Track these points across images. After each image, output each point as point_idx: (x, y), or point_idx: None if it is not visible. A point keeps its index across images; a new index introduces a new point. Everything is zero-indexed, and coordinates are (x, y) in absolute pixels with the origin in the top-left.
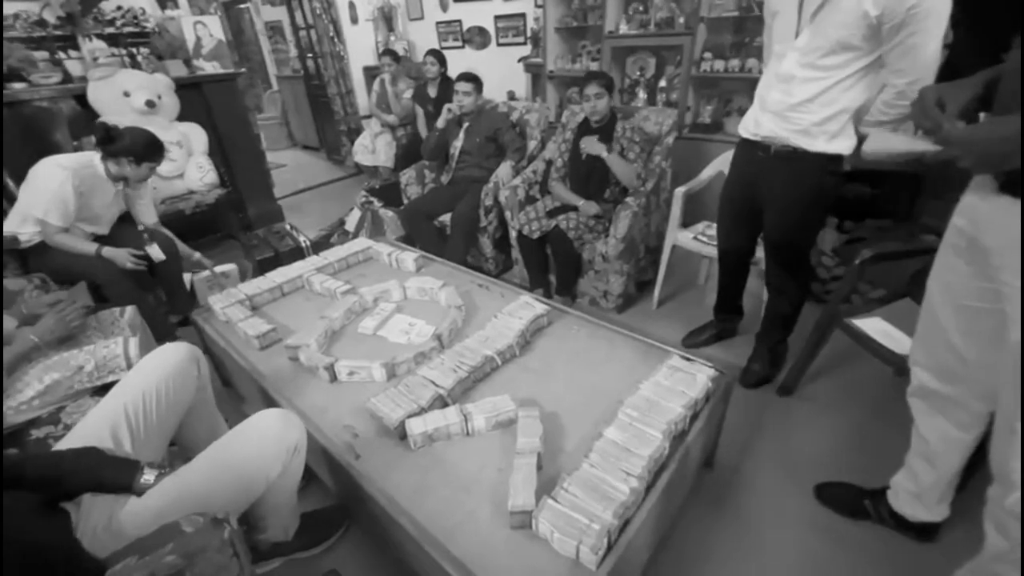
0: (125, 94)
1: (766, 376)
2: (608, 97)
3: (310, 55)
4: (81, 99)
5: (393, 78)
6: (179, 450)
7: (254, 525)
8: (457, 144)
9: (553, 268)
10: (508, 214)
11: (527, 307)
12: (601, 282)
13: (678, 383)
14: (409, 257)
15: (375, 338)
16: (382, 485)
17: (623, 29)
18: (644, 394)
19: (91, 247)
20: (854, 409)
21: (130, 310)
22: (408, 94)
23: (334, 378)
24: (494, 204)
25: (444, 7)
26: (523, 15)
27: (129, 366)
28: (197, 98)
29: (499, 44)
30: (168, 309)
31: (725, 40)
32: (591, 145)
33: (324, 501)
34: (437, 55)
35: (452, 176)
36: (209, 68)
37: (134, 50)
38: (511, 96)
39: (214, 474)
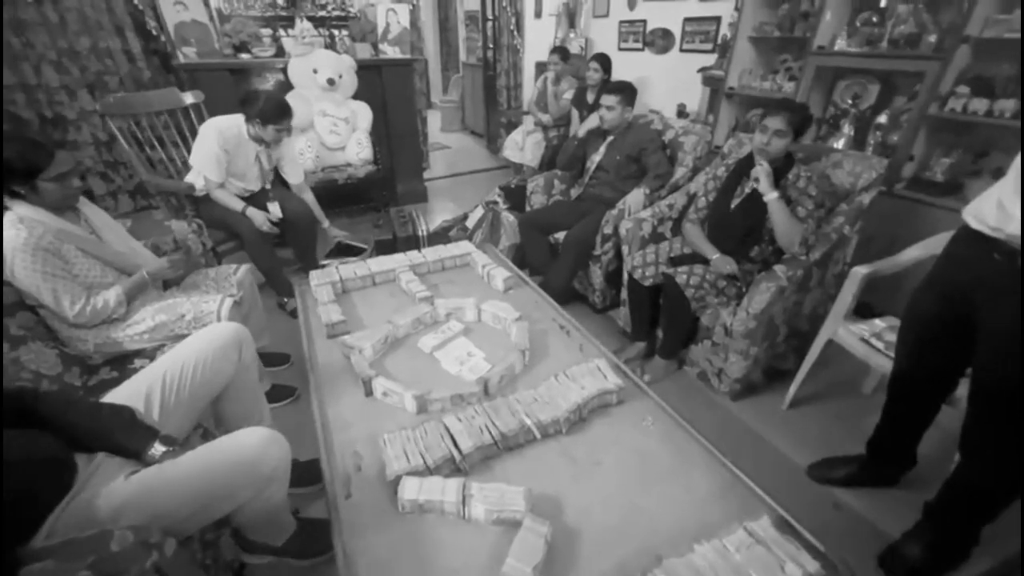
0: (314, 71)
1: (924, 570)
2: (790, 138)
3: (491, 46)
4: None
5: (557, 77)
6: (216, 425)
7: (240, 525)
8: (595, 158)
9: (662, 323)
10: (625, 249)
11: (596, 376)
12: (718, 357)
13: (753, 562)
14: (500, 275)
15: (430, 358)
16: (348, 542)
17: (840, 44)
18: (696, 561)
19: (239, 205)
20: None
21: (243, 269)
22: (569, 95)
23: (370, 393)
24: (613, 234)
25: (631, 5)
26: (717, 19)
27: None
28: (374, 79)
29: (682, 50)
30: (299, 267)
31: (999, 71)
32: (762, 178)
33: None
34: (602, 61)
35: (582, 192)
36: (391, 53)
37: (335, 32)
38: (680, 110)
39: (183, 483)
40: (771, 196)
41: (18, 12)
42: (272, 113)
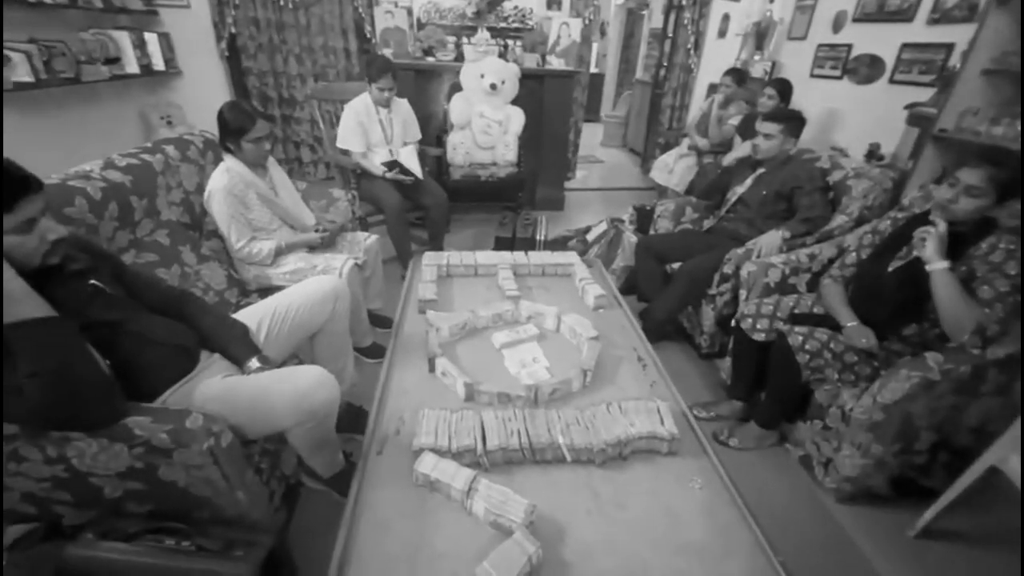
0: (481, 75)
1: None
2: (990, 200)
3: (664, 64)
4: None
5: (726, 100)
6: (310, 359)
7: (296, 448)
8: (738, 190)
9: (767, 386)
10: (743, 294)
11: (652, 417)
12: (828, 444)
13: None
14: (593, 291)
15: (497, 354)
16: (363, 491)
17: None
18: None
19: (380, 170)
20: None
21: (373, 239)
22: (734, 121)
23: (432, 369)
24: (733, 274)
25: (837, 27)
26: (948, 47)
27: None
28: (535, 87)
29: (892, 81)
30: (429, 248)
31: None
32: (928, 241)
33: None
34: (780, 87)
35: (715, 224)
36: (556, 64)
37: (509, 42)
38: (872, 151)
39: (249, 393)
40: (937, 266)
41: (283, 16)
42: (375, 72)
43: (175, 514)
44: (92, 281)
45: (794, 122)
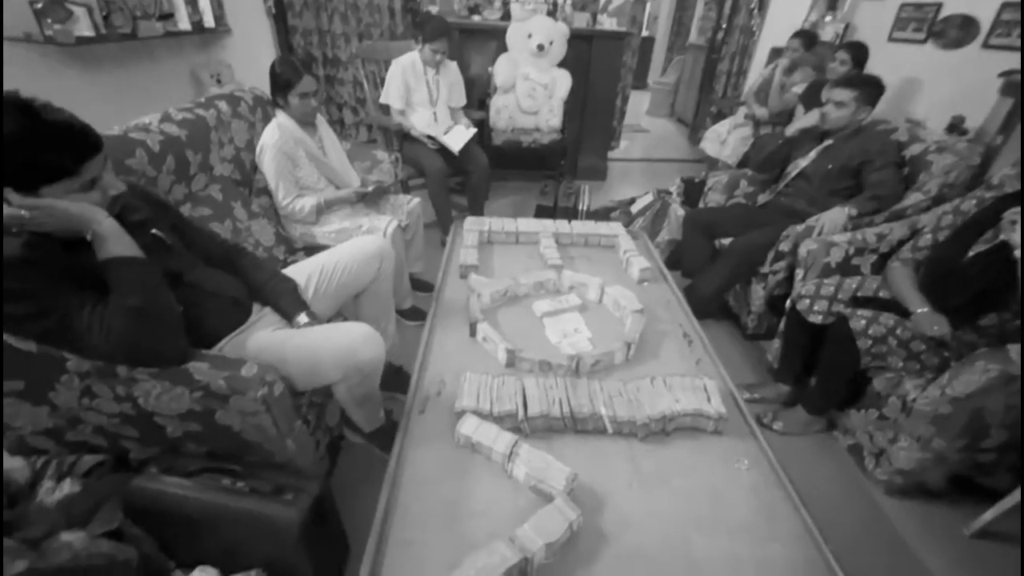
0: (528, 35)
1: None
2: None
3: (723, 25)
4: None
5: (791, 66)
6: (354, 317)
7: (340, 402)
8: (801, 163)
9: (819, 371)
10: (799, 273)
11: (698, 395)
12: (883, 434)
13: None
14: (638, 264)
15: (538, 322)
16: (406, 448)
17: None
18: None
19: (419, 133)
20: None
21: (415, 201)
22: (798, 89)
23: (473, 334)
24: (790, 252)
25: None
26: None
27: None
28: (584, 48)
29: (987, 45)
30: (470, 212)
31: None
32: (1020, 224)
33: None
34: (855, 51)
35: (771, 199)
36: (607, 24)
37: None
38: (955, 123)
39: (299, 346)
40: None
41: None
42: (429, 33)
43: (229, 456)
44: (153, 231)
45: (870, 88)
